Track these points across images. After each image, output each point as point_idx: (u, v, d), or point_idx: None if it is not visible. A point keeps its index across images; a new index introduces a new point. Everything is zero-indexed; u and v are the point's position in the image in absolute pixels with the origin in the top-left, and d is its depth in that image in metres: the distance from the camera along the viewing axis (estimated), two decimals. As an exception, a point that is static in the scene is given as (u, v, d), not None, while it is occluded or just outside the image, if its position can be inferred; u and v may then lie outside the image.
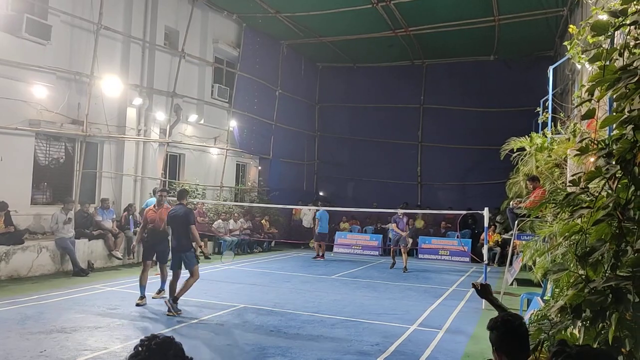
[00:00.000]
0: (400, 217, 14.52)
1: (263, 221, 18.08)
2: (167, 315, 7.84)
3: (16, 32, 10.97)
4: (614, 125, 2.64)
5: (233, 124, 17.81)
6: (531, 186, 9.05)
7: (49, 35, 11.57)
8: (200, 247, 8.53)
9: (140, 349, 1.89)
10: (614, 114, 2.59)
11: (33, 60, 11.40)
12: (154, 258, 8.99)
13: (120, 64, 13.88)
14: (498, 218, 16.12)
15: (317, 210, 16.99)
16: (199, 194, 16.24)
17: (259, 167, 20.40)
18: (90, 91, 12.68)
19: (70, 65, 12.50)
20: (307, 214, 19.27)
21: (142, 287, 8.57)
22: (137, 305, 8.38)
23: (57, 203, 12.16)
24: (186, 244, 8.29)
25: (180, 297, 8.16)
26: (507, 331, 2.74)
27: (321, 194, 23.23)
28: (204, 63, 16.79)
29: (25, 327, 6.85)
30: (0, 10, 10.89)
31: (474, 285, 3.58)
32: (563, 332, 2.79)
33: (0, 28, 10.82)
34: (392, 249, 15.00)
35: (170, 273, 8.42)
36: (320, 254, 16.35)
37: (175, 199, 9.33)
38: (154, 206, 9.05)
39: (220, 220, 16.08)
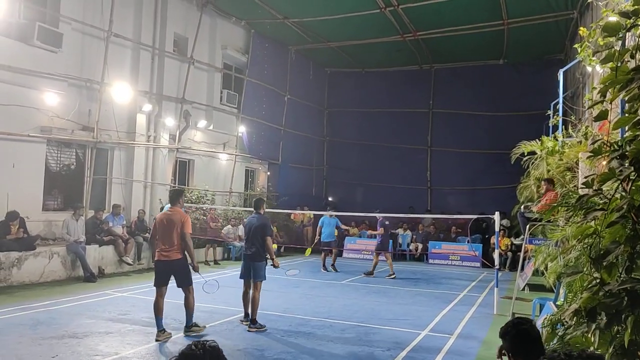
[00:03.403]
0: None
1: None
2: (249, 331, 7.57)
3: (28, 40, 11.10)
4: (627, 127, 2.62)
5: (242, 129, 17.86)
6: (544, 187, 8.94)
7: (61, 42, 11.70)
8: (273, 260, 8.04)
9: (194, 347, 1.98)
10: (627, 115, 2.57)
11: (45, 67, 11.52)
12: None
13: (130, 70, 13.99)
14: (504, 222, 15.96)
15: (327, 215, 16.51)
16: (208, 199, 16.28)
17: (268, 173, 20.43)
18: (101, 98, 12.80)
19: (81, 72, 12.61)
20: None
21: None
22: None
23: (68, 209, 12.25)
24: (260, 254, 7.96)
25: (196, 305, 8.11)
26: (518, 334, 2.72)
27: (330, 199, 23.20)
28: (213, 69, 16.88)
29: (37, 333, 6.89)
30: (12, 18, 11.03)
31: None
32: (577, 336, 2.76)
33: (12, 36, 10.96)
34: (377, 255, 14.31)
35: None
36: (323, 264, 14.61)
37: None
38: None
39: (229, 226, 16.11)
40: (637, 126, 2.42)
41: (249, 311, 7.84)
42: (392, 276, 13.64)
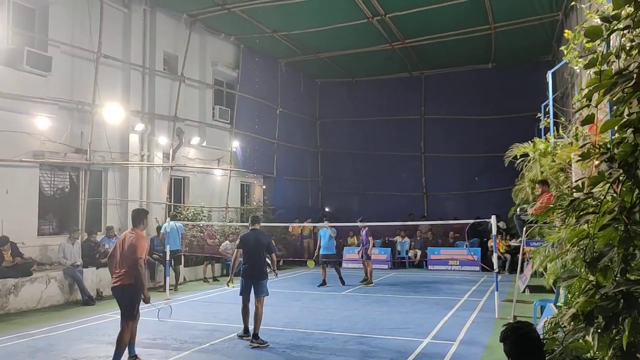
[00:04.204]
0: (361, 230, 14.21)
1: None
2: (250, 346, 7.48)
3: (17, 65, 11.10)
4: (615, 129, 2.63)
5: (235, 144, 17.87)
6: (540, 189, 8.97)
7: (50, 66, 11.70)
8: (275, 270, 8.41)
9: None
10: (614, 117, 2.58)
11: (35, 92, 11.52)
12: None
13: (121, 91, 14.00)
14: (500, 224, 15.95)
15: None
16: (204, 216, 16.22)
17: (264, 186, 20.41)
18: (93, 119, 12.79)
19: (71, 95, 12.62)
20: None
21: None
22: None
23: (64, 233, 12.18)
24: (264, 271, 7.94)
25: (192, 322, 8.10)
26: (518, 338, 2.71)
27: (327, 209, 23.18)
28: (204, 86, 16.91)
29: (36, 360, 6.82)
30: (0, 44, 11.04)
31: None
32: (576, 341, 2.75)
33: (1, 62, 10.96)
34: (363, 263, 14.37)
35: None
36: (323, 279, 13.84)
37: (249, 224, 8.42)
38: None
39: (227, 242, 16.03)
40: (623, 128, 2.44)
41: (250, 326, 7.79)
42: (371, 284, 13.84)
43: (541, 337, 2.86)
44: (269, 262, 8.28)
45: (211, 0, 14.52)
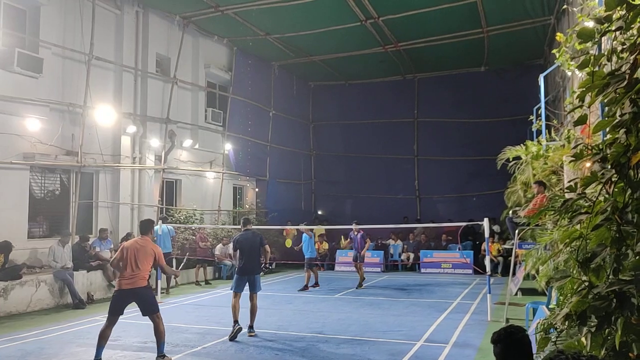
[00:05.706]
0: (355, 234, 14.16)
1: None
2: (249, 335, 8.28)
3: (8, 66, 11.02)
4: (607, 130, 2.64)
5: (228, 147, 17.82)
6: (536, 190, 8.99)
7: (41, 68, 11.63)
8: (266, 264, 9.17)
9: None
10: (606, 118, 2.59)
11: (26, 93, 11.43)
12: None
13: (113, 93, 13.92)
14: (495, 228, 16.02)
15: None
16: (196, 219, 16.15)
17: (256, 189, 20.35)
18: (84, 121, 12.70)
19: (63, 96, 12.53)
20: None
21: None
22: None
23: (54, 236, 12.07)
24: (259, 267, 8.75)
25: (184, 325, 8.04)
26: (511, 343, 2.71)
27: (320, 212, 23.16)
28: (197, 88, 16.86)
29: (25, 364, 6.74)
30: (-9, 46, 10.96)
31: None
32: (569, 340, 2.75)
33: (-9, 64, 10.88)
34: (356, 265, 14.35)
35: None
36: (305, 283, 13.67)
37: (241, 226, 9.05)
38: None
39: (221, 245, 15.98)
40: (616, 129, 2.45)
41: (250, 320, 8.46)
42: (362, 286, 13.85)
43: (534, 338, 2.87)
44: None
45: (204, 2, 14.48)
